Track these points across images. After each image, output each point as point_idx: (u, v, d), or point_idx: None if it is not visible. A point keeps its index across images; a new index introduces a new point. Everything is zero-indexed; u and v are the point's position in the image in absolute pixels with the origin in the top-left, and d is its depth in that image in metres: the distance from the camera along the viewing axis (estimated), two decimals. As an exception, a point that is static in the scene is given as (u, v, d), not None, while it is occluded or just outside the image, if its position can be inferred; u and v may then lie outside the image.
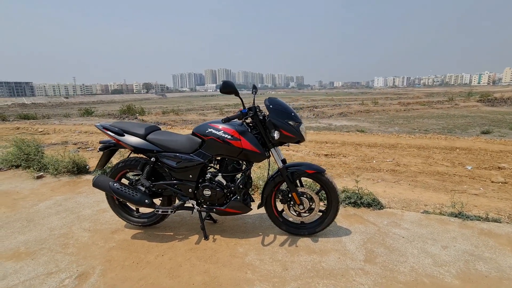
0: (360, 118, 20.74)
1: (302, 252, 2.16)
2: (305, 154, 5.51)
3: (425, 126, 14.39)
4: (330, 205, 2.27)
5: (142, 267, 2.03)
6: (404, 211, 2.81)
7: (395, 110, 26.21)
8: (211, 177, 2.24)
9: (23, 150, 4.54)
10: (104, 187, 2.23)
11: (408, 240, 2.28)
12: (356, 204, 2.88)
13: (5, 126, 12.33)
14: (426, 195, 3.31)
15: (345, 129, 14.33)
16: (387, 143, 6.43)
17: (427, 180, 3.94)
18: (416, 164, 4.79)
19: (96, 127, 2.44)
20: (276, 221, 2.40)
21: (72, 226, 2.66)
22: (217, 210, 2.27)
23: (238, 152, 2.11)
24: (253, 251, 2.18)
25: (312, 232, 2.35)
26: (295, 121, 2.11)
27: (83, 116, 24.03)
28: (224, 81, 1.86)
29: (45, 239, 2.42)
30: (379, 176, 4.14)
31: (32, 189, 3.69)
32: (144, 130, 2.28)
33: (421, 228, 2.46)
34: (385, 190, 3.46)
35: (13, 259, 2.15)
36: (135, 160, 2.38)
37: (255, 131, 2.19)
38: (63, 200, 3.29)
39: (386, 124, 16.36)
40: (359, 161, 4.98)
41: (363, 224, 2.55)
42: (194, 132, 2.22)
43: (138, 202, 2.20)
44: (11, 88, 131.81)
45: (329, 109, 26.24)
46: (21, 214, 2.93)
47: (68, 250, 2.26)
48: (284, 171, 2.19)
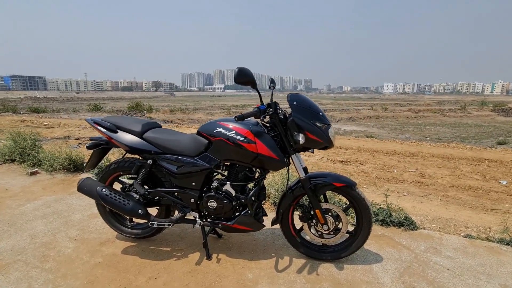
0: (369, 124, 20.20)
1: (326, 283, 1.76)
2: (318, 159, 5.10)
3: (437, 134, 13.79)
4: (360, 226, 1.87)
5: (130, 293, 1.66)
6: (443, 233, 2.39)
7: (405, 116, 25.54)
8: (217, 185, 1.86)
9: (18, 144, 4.26)
10: (90, 193, 1.88)
11: (455, 273, 1.86)
12: (385, 222, 2.46)
13: (12, 118, 12.25)
14: (464, 213, 2.87)
15: (354, 134, 13.83)
16: (407, 151, 5.96)
17: (460, 195, 3.49)
18: (443, 176, 4.33)
19: (87, 122, 2.09)
20: (293, 241, 2.00)
21: (57, 233, 2.32)
22: (223, 226, 1.89)
23: (252, 158, 1.73)
24: (265, 279, 1.79)
25: (336, 258, 1.95)
26: (323, 122, 1.72)
27: (92, 112, 24.06)
28: (239, 68, 1.48)
29: (23, 249, 2.09)
30: (404, 188, 3.71)
31: (23, 186, 3.39)
32: (141, 127, 1.92)
33: (468, 257, 2.03)
34: (414, 205, 3.03)
35: (-19, 273, 1.81)
36: (130, 162, 2.02)
37: (273, 133, 1.81)
38: (53, 201, 2.96)
39: (396, 130, 15.82)
40: (378, 170, 4.54)
41: (395, 248, 2.14)
42: (200, 131, 1.85)
43: (130, 212, 1.83)
44: (25, 82, 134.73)
45: (337, 114, 25.71)
46: (4, 216, 2.61)
47: (47, 264, 1.92)
48: (307, 182, 1.80)
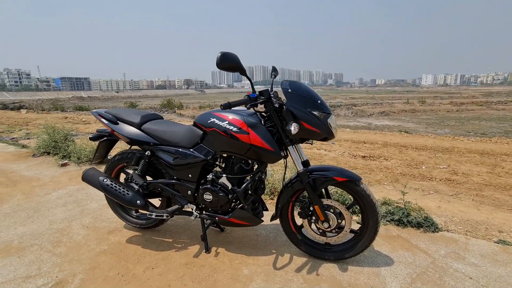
0: (404, 118, 18.94)
1: (325, 284, 1.64)
2: (338, 154, 4.84)
3: (482, 129, 12.48)
4: (365, 225, 1.71)
5: (126, 281, 1.69)
6: (470, 237, 2.11)
7: (445, 110, 23.55)
8: (213, 178, 1.82)
9: (52, 138, 4.62)
10: (93, 182, 1.94)
11: (478, 283, 1.62)
12: (401, 222, 2.24)
13: (56, 116, 13.45)
14: (499, 216, 2.52)
15: (386, 129, 13.01)
16: (439, 146, 5.43)
17: (498, 195, 3.08)
18: (480, 173, 3.87)
19: (92, 114, 2.17)
20: (294, 238, 1.90)
21: (73, 220, 2.46)
22: (219, 219, 1.85)
23: (246, 149, 1.65)
24: (261, 276, 1.72)
25: (339, 258, 1.81)
26: (322, 111, 1.58)
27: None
28: (222, 52, 1.40)
29: (41, 234, 2.24)
30: (431, 186, 3.37)
31: (53, 176, 3.67)
32: (140, 119, 1.94)
33: (498, 266, 1.77)
34: (439, 205, 2.73)
35: (1, 254, 1.98)
36: (132, 153, 2.06)
37: (270, 123, 1.71)
38: (75, 190, 3.16)
39: (435, 125, 14.60)
40: (404, 166, 4.19)
41: (410, 251, 1.93)
42: (196, 122, 1.82)
43: (128, 202, 1.87)
44: (73, 83, 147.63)
45: (369, 108, 24.46)
46: (32, 203, 2.84)
47: (58, 249, 2.03)
48: (305, 176, 1.68)
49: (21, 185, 3.35)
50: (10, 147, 5.40)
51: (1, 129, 8.32)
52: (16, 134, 7.22)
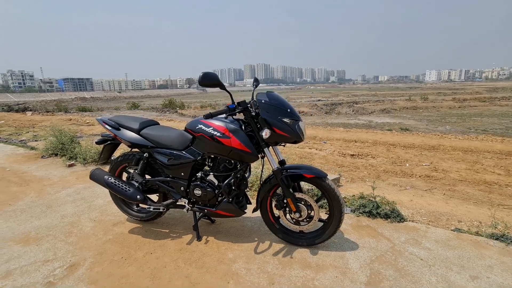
0: (405, 115, 19.10)
1: (296, 265, 1.93)
2: (328, 153, 5.12)
3: (483, 126, 12.63)
4: (332, 215, 2.00)
5: (128, 264, 2.00)
6: (430, 226, 2.39)
7: (447, 106, 23.62)
8: (202, 176, 2.12)
9: (59, 140, 4.94)
10: (99, 181, 2.25)
11: (427, 263, 1.90)
12: (372, 214, 2.53)
13: (61, 118, 13.82)
14: (463, 208, 2.79)
15: (386, 126, 13.21)
16: (427, 144, 5.67)
17: (469, 190, 3.35)
18: (459, 170, 4.13)
19: (97, 121, 2.47)
20: (272, 227, 2.19)
21: (82, 215, 2.77)
22: (208, 211, 2.15)
23: (228, 151, 1.95)
24: (243, 259, 2.02)
25: (311, 243, 2.10)
26: (291, 118, 1.87)
27: (131, 109, 26.00)
28: (204, 72, 1.69)
29: (54, 226, 2.55)
30: (409, 182, 3.64)
31: (61, 176, 3.99)
32: (139, 125, 2.24)
33: (448, 249, 2.05)
34: (412, 199, 3.01)
35: (22, 243, 2.29)
36: (133, 155, 2.36)
37: (249, 129, 2.00)
38: (83, 188, 3.47)
39: (436, 122, 14.76)
40: (388, 164, 4.46)
41: (375, 238, 2.22)
42: (186, 128, 2.11)
43: (129, 197, 2.17)
44: (75, 84, 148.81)
45: (370, 105, 24.61)
46: (44, 200, 3.15)
47: (70, 239, 2.34)
48: (279, 173, 1.97)
49: (33, 184, 3.67)
50: (19, 149, 5.74)
51: (10, 131, 8.69)
52: (24, 137, 7.58)
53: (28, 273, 1.91)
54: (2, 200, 3.15)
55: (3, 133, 8.19)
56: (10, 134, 7.98)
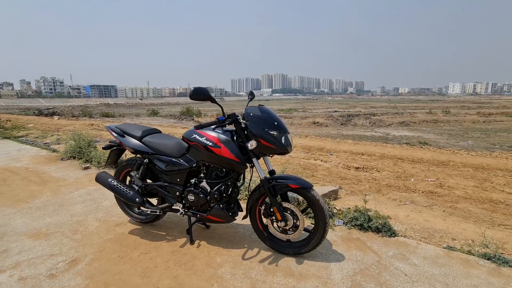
0: (424, 129, 18.52)
1: (280, 273, 2.00)
2: (333, 165, 5.12)
3: (509, 141, 12.01)
4: (317, 225, 2.05)
5: (124, 262, 2.14)
6: (421, 242, 2.37)
7: (471, 121, 22.66)
8: (196, 182, 2.25)
9: (77, 144, 5.30)
10: (103, 183, 2.44)
11: (410, 279, 1.91)
12: (363, 227, 2.54)
13: (84, 122, 14.63)
14: (461, 226, 2.73)
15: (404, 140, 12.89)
16: (436, 159, 5.53)
17: (471, 208, 3.26)
18: (465, 187, 4.01)
19: (106, 128, 2.69)
20: (261, 235, 2.27)
21: (89, 214, 2.98)
22: (200, 216, 2.27)
23: (219, 160, 2.07)
24: (230, 263, 2.11)
25: (297, 253, 2.16)
26: (278, 130, 1.97)
27: (150, 116, 27.00)
28: (195, 87, 1.85)
29: (63, 224, 2.77)
30: (410, 197, 3.59)
31: (76, 178, 4.28)
32: (141, 133, 2.43)
33: (435, 267, 2.03)
34: (408, 214, 2.98)
35: (33, 238, 2.51)
36: (135, 160, 2.54)
37: (241, 140, 2.12)
38: (93, 190, 3.71)
39: (458, 136, 14.19)
40: (393, 178, 4.40)
41: (362, 251, 2.24)
42: (183, 136, 2.27)
43: (129, 200, 2.34)
44: (101, 90, 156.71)
45: (389, 118, 24.09)
46: (58, 199, 3.41)
47: (75, 236, 2.54)
48: (266, 183, 2.06)
49: (50, 184, 3.97)
50: (43, 151, 6.19)
51: (37, 134, 9.34)
52: (48, 140, 8.13)
53: (34, 265, 2.11)
54: (22, 198, 3.44)
55: (31, 136, 8.82)
56: (37, 137, 8.58)
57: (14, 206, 3.18)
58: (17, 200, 3.38)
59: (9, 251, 2.28)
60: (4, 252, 2.27)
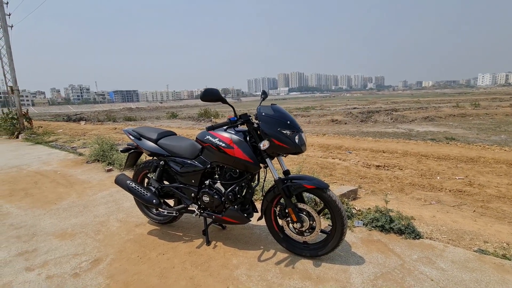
0: (451, 124, 17.59)
1: (296, 275, 1.95)
2: (352, 164, 4.95)
3: (549, 136, 11.09)
4: (334, 227, 1.98)
5: (142, 262, 2.19)
6: (449, 245, 2.22)
7: (504, 113, 21.21)
8: (210, 183, 2.25)
9: (101, 148, 5.52)
10: (122, 185, 2.51)
11: (437, 284, 1.79)
12: (384, 228, 2.43)
13: (107, 127, 15.27)
14: (494, 228, 2.54)
15: (429, 135, 12.29)
16: (464, 155, 5.18)
17: (505, 208, 3.02)
18: (498, 185, 3.72)
19: (123, 132, 2.77)
20: (276, 236, 2.24)
21: (111, 215, 3.08)
22: (215, 217, 2.27)
23: (232, 161, 2.06)
24: (245, 265, 2.09)
25: (314, 255, 2.09)
26: (291, 129, 1.92)
27: (170, 119, 27.73)
28: (205, 89, 1.84)
29: (87, 224, 2.89)
30: (436, 196, 3.39)
31: (100, 180, 4.45)
32: (157, 135, 2.47)
33: (464, 271, 1.89)
34: (434, 215, 2.81)
35: (59, 237, 2.63)
36: (151, 162, 2.60)
37: (253, 140, 2.09)
38: (115, 192, 3.85)
39: (489, 131, 13.32)
40: (416, 176, 4.18)
41: (384, 254, 2.13)
42: (197, 138, 2.28)
43: (147, 201, 2.39)
44: (123, 95, 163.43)
45: (412, 113, 23.10)
46: (83, 201, 3.57)
47: (98, 236, 2.63)
48: (280, 183, 2.02)
49: (76, 186, 4.16)
50: (70, 155, 6.52)
51: (65, 139, 9.86)
52: (75, 144, 8.56)
53: (60, 264, 2.20)
54: (50, 200, 3.63)
55: (60, 141, 9.33)
56: (65, 142, 9.05)
57: (44, 208, 3.37)
58: (46, 201, 3.58)
59: (38, 250, 2.40)
60: (34, 251, 2.40)
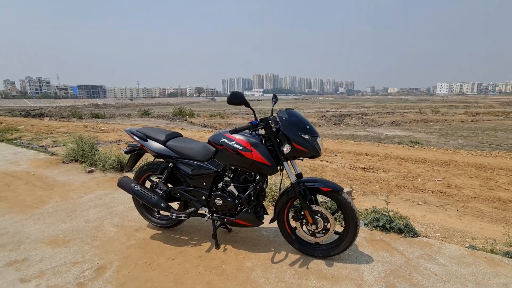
0: (415, 128, 18.95)
1: (312, 276, 2.00)
2: (339, 166, 5.18)
3: (497, 140, 12.46)
4: (347, 228, 2.07)
5: (152, 268, 2.11)
6: (444, 242, 2.42)
7: (459, 120, 23.35)
8: (223, 186, 2.24)
9: (80, 147, 5.17)
10: (126, 188, 2.39)
11: (441, 279, 1.95)
12: (385, 228, 2.58)
13: (77, 124, 14.29)
14: (477, 225, 2.81)
15: (396, 139, 13.15)
16: (439, 159, 5.67)
17: (483, 207, 3.35)
18: (472, 186, 4.12)
19: (126, 132, 2.64)
20: (289, 238, 2.28)
21: (105, 220, 2.91)
22: (227, 220, 2.25)
23: (249, 164, 2.06)
24: (260, 267, 2.10)
25: (326, 255, 2.17)
26: (310, 134, 1.98)
27: (142, 117, 26.61)
28: (232, 92, 1.84)
29: (80, 230, 2.70)
30: (421, 197, 3.66)
31: (82, 182, 4.17)
32: (165, 137, 2.39)
33: (462, 266, 2.08)
34: (424, 215, 3.04)
35: (52, 245, 2.43)
36: (157, 165, 2.50)
37: (269, 143, 2.12)
38: (104, 194, 3.63)
39: (448, 136, 14.61)
40: (400, 178, 4.49)
41: (389, 252, 2.27)
42: (210, 140, 2.25)
43: (154, 205, 2.30)
44: (89, 91, 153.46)
45: (380, 117, 24.54)
46: (68, 204, 3.32)
47: (96, 242, 2.47)
48: (297, 186, 2.07)
49: (56, 189, 3.86)
50: (41, 154, 6.00)
51: (30, 136, 9.05)
52: (44, 142, 7.89)
53: (60, 273, 2.04)
54: (30, 203, 3.33)
55: (25, 138, 8.55)
56: (31, 140, 8.31)
57: (24, 213, 3.08)
58: (26, 206, 3.27)
59: (30, 260, 2.20)
60: (24, 260, 2.19)
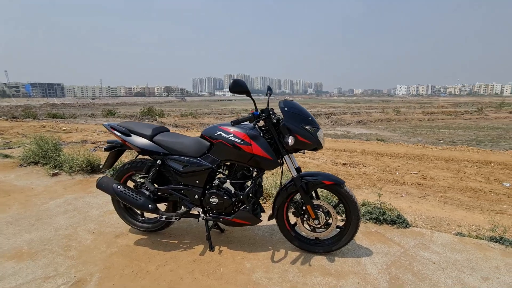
0: (380, 127, 20.04)
1: (316, 273, 1.93)
2: (321, 162, 5.23)
3: (451, 137, 13.59)
4: (349, 221, 2.03)
5: (141, 277, 1.88)
6: (434, 231, 2.50)
7: (418, 119, 25.20)
8: (218, 183, 2.07)
9: (41, 148, 4.62)
10: (107, 189, 2.12)
11: (440, 266, 1.98)
12: (378, 220, 2.60)
13: (33, 124, 12.95)
14: (459, 213, 2.96)
15: (364, 137, 13.78)
16: (411, 153, 6.00)
17: (459, 196, 3.56)
18: (445, 178, 4.39)
19: (104, 127, 2.36)
20: (288, 235, 2.18)
21: (78, 227, 2.58)
22: (224, 220, 2.10)
23: (248, 158, 1.93)
24: (261, 268, 1.98)
25: (327, 250, 2.11)
26: (312, 126, 1.90)
27: (107, 117, 24.97)
28: (234, 79, 1.70)
29: (49, 240, 2.36)
30: (403, 189, 3.80)
31: (46, 186, 3.71)
32: (151, 131, 2.17)
33: (455, 253, 2.15)
34: (410, 205, 3.14)
35: (15, 259, 2.08)
36: (142, 162, 2.26)
37: (268, 136, 2.00)
38: (73, 199, 3.25)
39: (409, 133, 15.64)
40: (380, 172, 4.64)
41: (385, 244, 2.28)
42: (203, 134, 2.07)
43: (141, 207, 2.07)
44: (44, 89, 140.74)
45: (347, 117, 25.64)
46: (31, 212, 2.91)
47: (70, 253, 2.17)
48: (299, 180, 1.98)
49: (15, 195, 3.38)
50: (-9, 157, 5.28)
51: (-24, 138, 7.98)
52: (-6, 144, 6.99)
53: (28, 291, 1.74)
54: (-18, 213, 2.86)
55: (-31, 140, 7.50)
56: (-23, 141, 7.32)
57: (-24, 223, 2.63)
58: (-23, 215, 2.80)
59: (-12, 279, 1.86)
60: (-20, 280, 1.84)
